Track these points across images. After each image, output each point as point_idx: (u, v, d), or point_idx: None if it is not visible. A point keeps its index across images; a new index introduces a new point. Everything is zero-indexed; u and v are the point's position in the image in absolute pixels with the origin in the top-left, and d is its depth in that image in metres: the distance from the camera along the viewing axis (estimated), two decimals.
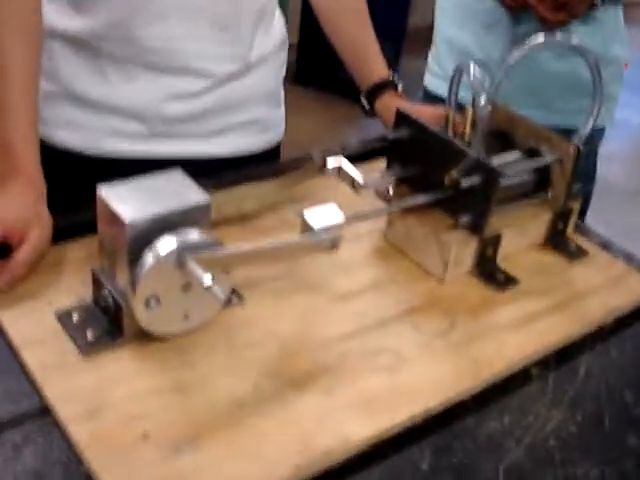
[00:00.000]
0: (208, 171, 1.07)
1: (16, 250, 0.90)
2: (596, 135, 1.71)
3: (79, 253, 0.96)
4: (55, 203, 0.98)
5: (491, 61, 1.57)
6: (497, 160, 1.03)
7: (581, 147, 1.04)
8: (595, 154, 1.73)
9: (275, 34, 1.33)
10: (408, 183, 1.07)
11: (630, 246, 1.14)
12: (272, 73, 1.34)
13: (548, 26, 1.50)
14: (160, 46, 1.16)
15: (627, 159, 4.21)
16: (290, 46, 1.39)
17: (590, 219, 1.65)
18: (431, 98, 1.75)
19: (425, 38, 2.00)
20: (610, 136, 4.11)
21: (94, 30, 1.15)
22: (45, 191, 0.98)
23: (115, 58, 1.16)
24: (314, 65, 4.34)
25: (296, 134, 3.82)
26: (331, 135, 3.91)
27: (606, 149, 3.79)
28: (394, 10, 4.27)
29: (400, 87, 1.35)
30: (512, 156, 1.07)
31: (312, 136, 3.86)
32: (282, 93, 1.41)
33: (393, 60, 4.42)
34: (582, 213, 1.78)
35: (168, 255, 0.77)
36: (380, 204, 1.08)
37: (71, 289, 0.90)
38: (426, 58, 1.78)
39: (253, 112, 1.31)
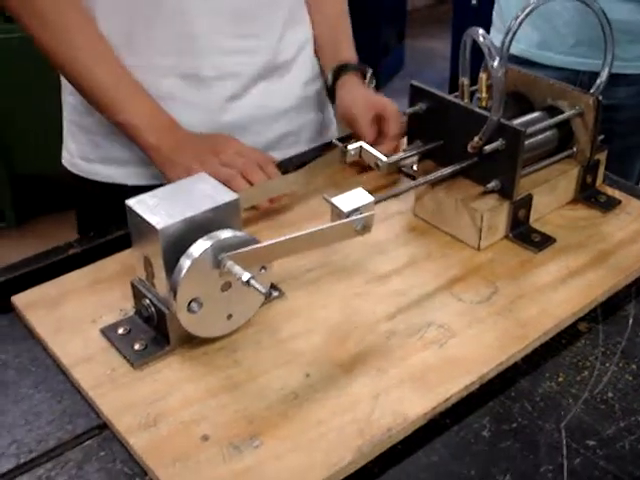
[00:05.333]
0: None
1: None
2: None
3: (115, 268, 0.96)
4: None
5: (552, 10, 1.59)
6: (518, 121, 1.02)
7: (600, 98, 1.02)
8: None
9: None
10: (431, 156, 1.06)
11: None
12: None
13: None
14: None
15: None
16: None
17: None
18: None
19: (425, 18, 1.99)
20: None
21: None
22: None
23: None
24: None
25: None
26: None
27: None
28: None
29: (368, 78, 1.27)
30: (532, 116, 1.06)
31: None
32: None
33: (397, 42, 4.41)
34: None
35: (204, 256, 0.78)
36: (406, 181, 1.07)
37: (113, 304, 0.90)
38: (428, 37, 1.79)
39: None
